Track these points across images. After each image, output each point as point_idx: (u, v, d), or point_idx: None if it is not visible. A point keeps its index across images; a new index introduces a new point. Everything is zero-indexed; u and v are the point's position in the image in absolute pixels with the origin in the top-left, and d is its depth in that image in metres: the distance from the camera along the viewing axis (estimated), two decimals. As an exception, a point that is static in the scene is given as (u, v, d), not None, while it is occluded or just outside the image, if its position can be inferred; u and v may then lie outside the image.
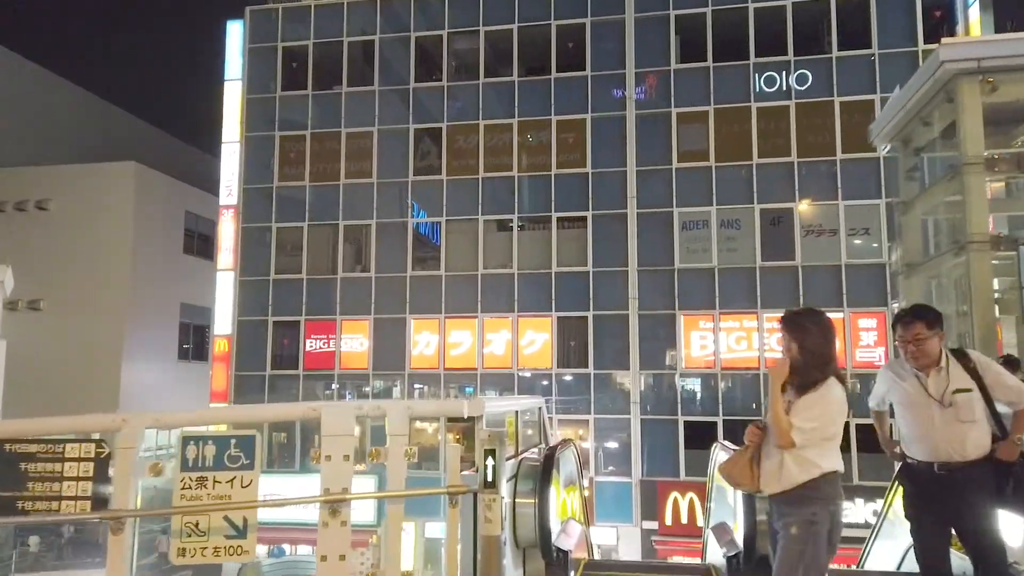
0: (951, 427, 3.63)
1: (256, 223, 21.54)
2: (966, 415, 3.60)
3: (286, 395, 20.63)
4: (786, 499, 3.30)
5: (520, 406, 4.56)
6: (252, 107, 21.98)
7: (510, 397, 10.96)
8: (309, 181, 21.48)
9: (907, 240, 7.94)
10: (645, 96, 20.04)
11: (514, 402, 4.44)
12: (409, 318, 20.48)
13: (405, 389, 20.46)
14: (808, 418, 3.24)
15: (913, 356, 3.69)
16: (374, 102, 21.39)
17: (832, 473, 3.31)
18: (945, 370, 3.67)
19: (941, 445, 3.65)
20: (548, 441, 5.78)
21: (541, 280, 20.09)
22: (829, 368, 3.33)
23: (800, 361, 3.33)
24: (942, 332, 3.71)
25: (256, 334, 21.05)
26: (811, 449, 3.24)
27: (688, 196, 19.58)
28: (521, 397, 10.56)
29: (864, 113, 18.80)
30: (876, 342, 18.27)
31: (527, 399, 5.55)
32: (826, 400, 3.26)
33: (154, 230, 24.85)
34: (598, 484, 19.06)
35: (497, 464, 3.17)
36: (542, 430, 5.54)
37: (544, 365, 19.85)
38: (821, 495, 3.26)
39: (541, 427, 5.53)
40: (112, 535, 2.95)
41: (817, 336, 3.34)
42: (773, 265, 18.99)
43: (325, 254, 21.27)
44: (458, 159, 20.88)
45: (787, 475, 3.27)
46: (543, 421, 5.59)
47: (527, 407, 5.11)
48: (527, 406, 5.09)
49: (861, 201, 18.74)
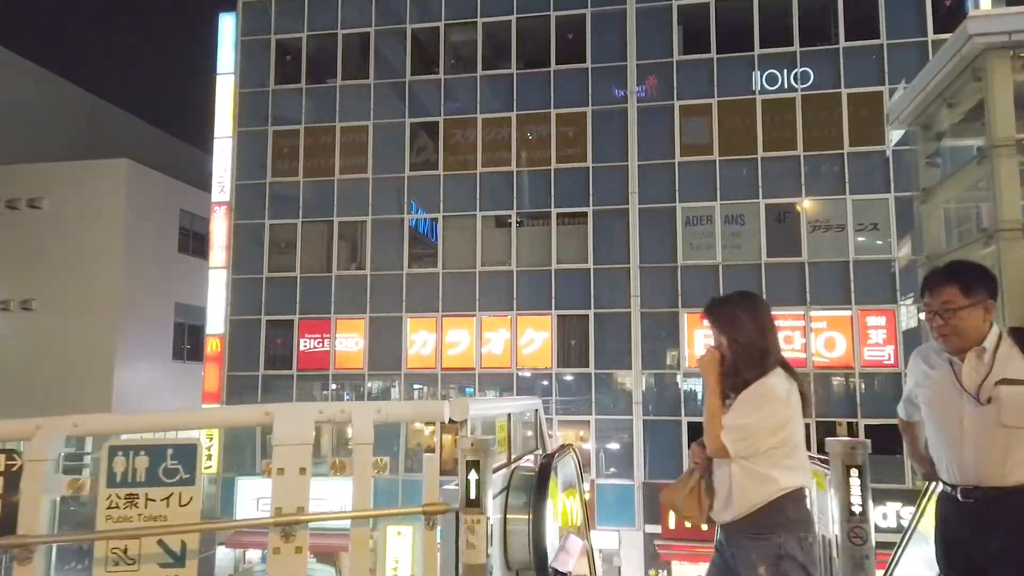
0: (987, 433, 2.55)
1: (249, 220, 21.06)
2: (1012, 417, 2.49)
3: (280, 396, 20.16)
4: (743, 529, 2.66)
5: (513, 408, 4.06)
6: (245, 101, 21.51)
7: (502, 398, 10.43)
8: (303, 177, 21.00)
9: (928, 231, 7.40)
10: (646, 95, 19.54)
11: (506, 404, 3.94)
12: (405, 317, 20.00)
13: (401, 389, 19.99)
14: (738, 415, 2.66)
15: (941, 334, 2.67)
16: (369, 96, 20.91)
17: (798, 491, 2.66)
18: (990, 353, 2.60)
19: (969, 460, 2.58)
20: (546, 447, 5.29)
21: (540, 278, 19.61)
22: (767, 363, 2.71)
23: (730, 358, 2.76)
24: (990, 302, 2.64)
25: (249, 334, 20.57)
26: (764, 460, 2.63)
27: (691, 191, 19.10)
28: (515, 398, 10.03)
29: (872, 105, 18.35)
30: (885, 340, 17.77)
31: (521, 400, 5.06)
32: (759, 393, 2.65)
33: (148, 228, 24.51)
34: (599, 487, 18.57)
35: (482, 478, 2.68)
36: (539, 434, 5.05)
37: (544, 365, 19.37)
38: (787, 520, 2.61)
39: (538, 431, 5.03)
40: (18, 565, 2.46)
41: (749, 326, 2.74)
42: (779, 262, 18.50)
43: (319, 251, 20.80)
44: (455, 154, 20.40)
45: (740, 496, 2.64)
46: (540, 424, 5.09)
47: (521, 409, 4.62)
48: (521, 408, 4.59)
49: (869, 196, 18.24)
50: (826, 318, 18.16)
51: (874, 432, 17.59)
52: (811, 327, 18.12)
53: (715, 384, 2.77)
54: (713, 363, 2.80)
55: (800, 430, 2.73)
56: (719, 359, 2.80)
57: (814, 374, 18.04)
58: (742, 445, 2.65)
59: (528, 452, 4.69)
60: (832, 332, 18.08)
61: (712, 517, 2.77)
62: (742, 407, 2.68)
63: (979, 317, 2.63)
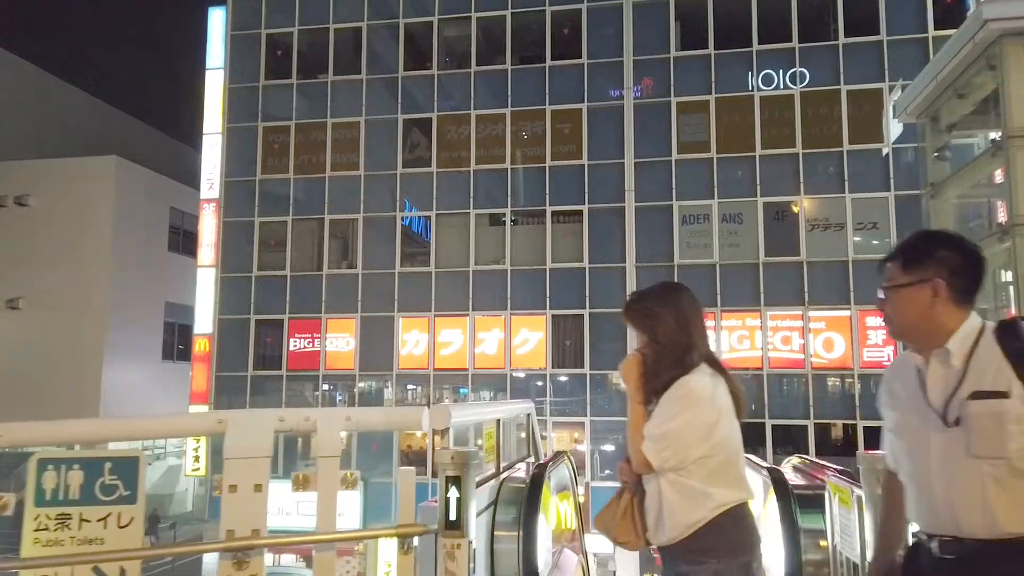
0: (958, 466, 1.86)
1: (238, 217, 20.69)
2: (982, 445, 1.81)
3: (269, 397, 19.81)
4: (678, 553, 2.35)
5: (502, 413, 3.73)
6: (234, 97, 21.13)
7: (490, 403, 10.09)
8: (293, 174, 20.64)
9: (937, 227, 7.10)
10: (642, 95, 19.22)
11: (494, 409, 3.60)
12: (397, 316, 19.65)
13: (393, 390, 19.65)
14: (658, 422, 2.36)
15: (888, 323, 2.06)
16: (361, 92, 20.56)
17: (738, 507, 2.34)
18: (960, 356, 1.89)
19: (942, 502, 1.89)
20: (539, 453, 4.97)
21: (535, 277, 19.28)
22: (688, 360, 2.39)
23: (651, 358, 2.45)
24: (940, 283, 1.91)
25: (238, 333, 20.20)
26: (695, 472, 2.31)
27: (688, 189, 18.81)
28: (505, 402, 9.63)
29: (872, 103, 18.11)
30: (885, 341, 17.49)
31: (512, 404, 4.73)
32: (679, 395, 2.34)
33: (137, 227, 24.24)
34: (594, 490, 18.23)
35: (464, 496, 2.35)
36: (531, 440, 4.72)
37: (538, 365, 19.04)
38: (727, 542, 2.30)
39: (530, 437, 4.71)
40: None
41: (670, 322, 2.44)
42: (777, 261, 18.22)
43: (310, 250, 20.43)
44: (449, 151, 20.06)
45: (671, 515, 2.33)
46: (533, 429, 4.77)
47: (513, 414, 4.29)
48: (512, 413, 4.26)
49: (869, 194, 17.98)
50: (825, 318, 17.89)
51: (873, 435, 17.32)
52: (809, 327, 17.84)
53: (635, 390, 2.47)
54: (633, 366, 2.49)
55: (735, 435, 2.40)
56: (640, 361, 2.48)
57: (812, 375, 17.77)
58: (667, 455, 2.33)
59: (520, 460, 4.37)
60: (831, 333, 17.80)
61: (648, 540, 2.45)
62: (662, 412, 2.37)
63: (923, 301, 1.93)
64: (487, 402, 14.98)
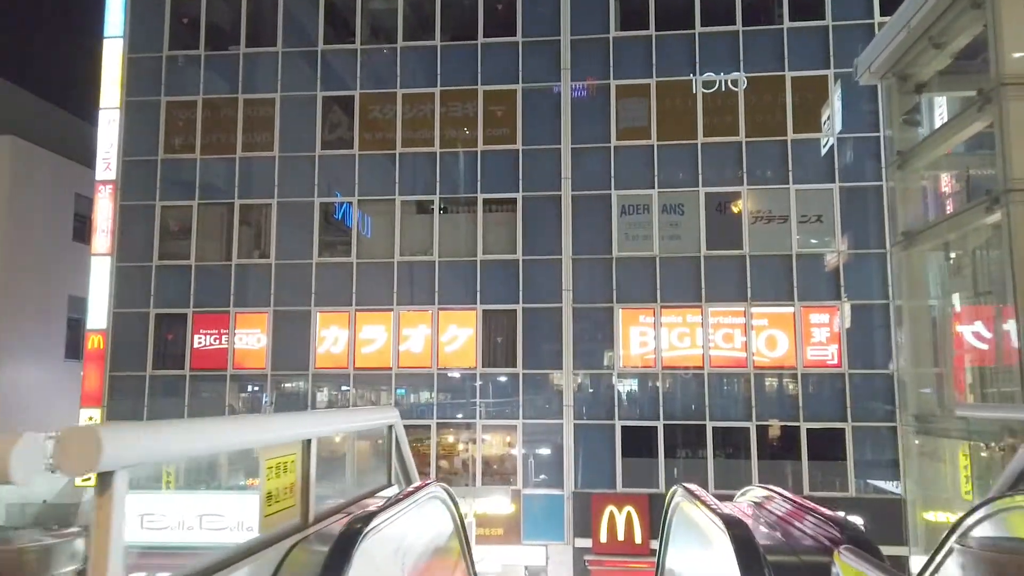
0: None
1: (137, 201, 18.71)
2: None
3: (171, 399, 17.93)
4: None
5: (319, 431, 2.36)
6: (135, 68, 19.13)
7: (293, 415, 8.24)
8: (200, 154, 18.78)
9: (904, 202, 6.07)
10: (585, 95, 18.05)
11: (264, 428, 2.17)
12: (314, 311, 18.02)
13: (310, 391, 18.00)
14: None
15: None
16: (276, 65, 18.83)
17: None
18: None
19: None
20: (410, 476, 3.60)
21: (465, 269, 17.93)
22: None
23: None
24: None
25: (135, 329, 18.24)
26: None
27: (628, 177, 17.74)
28: (326, 412, 7.59)
29: (817, 91, 17.40)
30: (828, 339, 16.75)
31: (354, 416, 3.32)
32: None
33: (38, 214, 22.30)
34: (526, 497, 17.00)
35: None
36: (392, 465, 3.36)
37: (468, 364, 17.69)
38: None
39: (391, 460, 3.34)
40: None
41: None
42: (719, 254, 17.31)
43: (218, 237, 18.61)
44: (372, 132, 18.53)
45: None
46: (397, 446, 3.40)
47: (351, 430, 2.92)
48: (350, 429, 2.89)
49: (814, 185, 17.22)
50: (767, 315, 17.05)
51: (815, 436, 16.57)
52: (752, 324, 16.97)
53: None
54: None
55: None
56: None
57: (754, 374, 16.91)
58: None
59: (364, 495, 2.99)
60: (774, 330, 16.97)
61: None
62: None
63: None
64: (278, 416, 13.47)
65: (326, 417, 2.77)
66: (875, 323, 16.75)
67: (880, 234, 16.72)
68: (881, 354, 16.63)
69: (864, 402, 16.52)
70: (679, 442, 17.04)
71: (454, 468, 17.64)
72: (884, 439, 16.42)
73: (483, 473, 17.34)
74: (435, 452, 17.40)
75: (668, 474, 16.71)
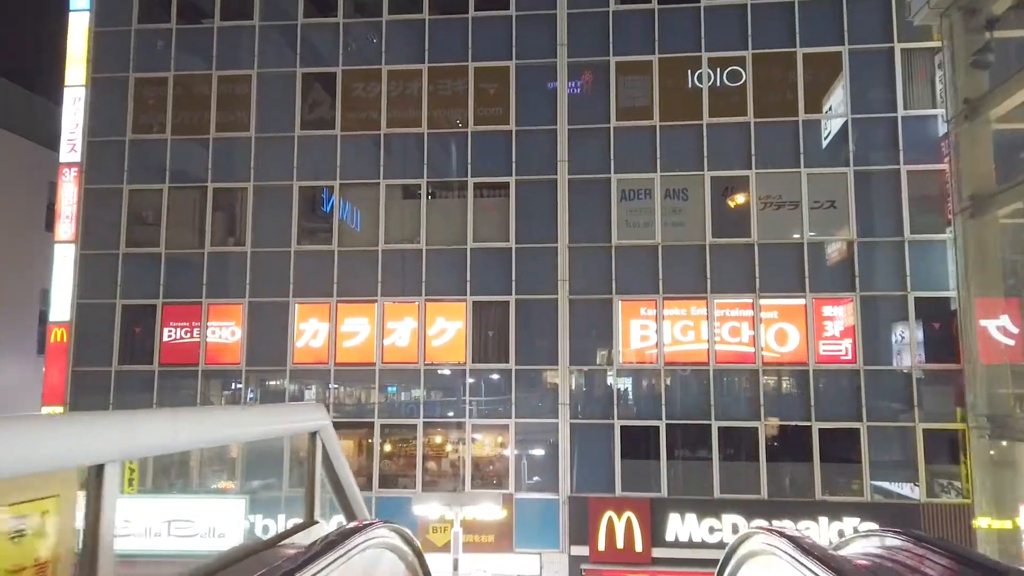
0: None
1: (104, 184, 17.52)
2: None
3: (138, 396, 16.74)
4: None
5: (107, 452, 1.22)
6: (101, 43, 17.93)
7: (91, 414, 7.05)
8: (171, 134, 17.59)
9: (972, 161, 4.96)
10: (580, 91, 16.93)
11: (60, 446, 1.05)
12: (293, 302, 16.86)
13: (287, 388, 16.84)
14: None
15: None
16: (253, 40, 17.64)
17: None
18: None
19: None
20: (350, 509, 2.44)
21: (454, 258, 16.80)
22: None
23: None
24: None
25: (101, 321, 17.06)
26: None
27: (628, 161, 16.63)
28: (155, 415, 5.57)
29: (830, 67, 16.28)
30: (843, 333, 15.67)
31: (222, 418, 2.17)
32: None
33: (7, 203, 21.22)
34: (519, 502, 15.89)
35: None
36: (317, 492, 2.20)
37: (457, 359, 16.57)
38: None
39: (314, 484, 2.19)
40: None
41: None
42: (725, 243, 16.21)
43: (190, 223, 17.43)
44: (355, 111, 17.37)
45: None
46: (327, 465, 2.25)
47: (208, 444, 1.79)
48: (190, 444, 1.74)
49: (826, 169, 16.12)
50: (777, 307, 15.96)
51: (828, 437, 15.50)
52: (760, 317, 15.89)
53: None
54: None
55: None
56: None
57: (763, 370, 15.83)
58: None
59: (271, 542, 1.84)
60: (784, 323, 15.88)
61: None
62: None
63: None
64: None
65: (129, 422, 1.62)
66: (892, 316, 15.68)
67: (898, 221, 15.65)
68: (899, 350, 15.57)
69: (879, 400, 15.47)
70: (682, 443, 15.95)
71: (442, 470, 16.52)
72: (900, 440, 15.38)
73: (473, 476, 16.22)
74: (421, 453, 16.27)
75: (670, 477, 15.62)
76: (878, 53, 16.03)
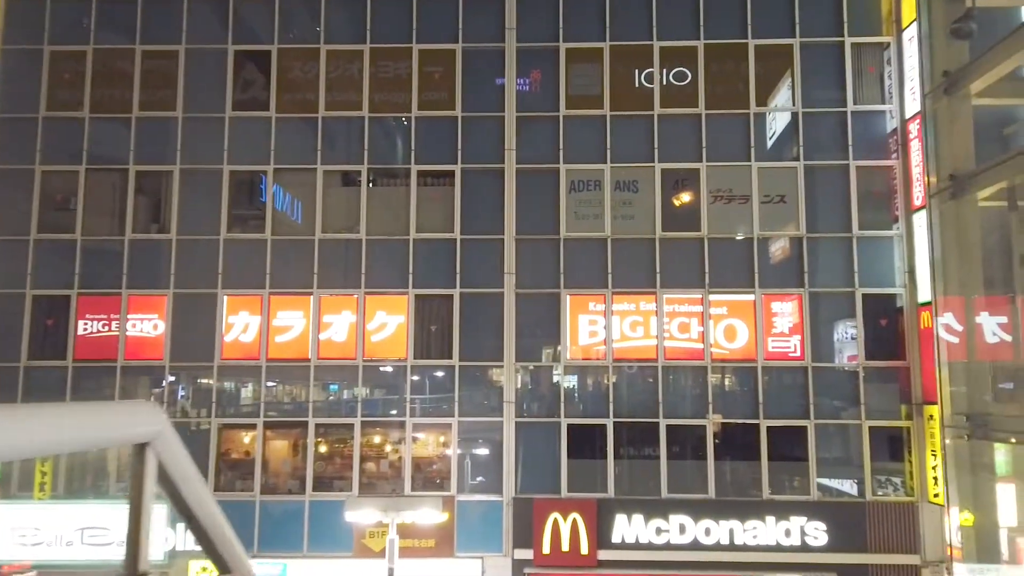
0: None
1: (13, 164, 16.17)
2: None
3: (51, 394, 15.47)
4: None
5: None
6: (13, 11, 16.55)
7: None
8: (89, 112, 16.32)
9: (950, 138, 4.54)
10: (529, 89, 16.32)
11: None
12: (221, 294, 15.83)
13: (215, 385, 15.80)
14: None
15: None
16: (181, 13, 16.51)
17: None
18: None
19: None
20: (223, 563, 1.72)
21: (395, 249, 16.03)
22: None
23: None
24: None
25: (9, 312, 15.72)
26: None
27: (578, 150, 16.12)
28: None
29: (780, 60, 16.06)
30: (791, 329, 15.47)
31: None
32: None
33: None
34: (460, 504, 15.23)
35: None
36: (141, 540, 1.50)
37: (397, 355, 15.80)
38: None
39: (139, 529, 1.48)
40: None
41: None
42: (675, 236, 15.84)
43: (109, 208, 16.20)
44: (291, 92, 16.42)
45: None
46: (174, 493, 1.52)
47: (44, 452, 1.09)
48: None
49: (777, 163, 15.91)
50: (727, 303, 15.67)
51: (776, 435, 15.28)
52: (710, 313, 15.57)
53: None
54: None
55: None
56: None
57: (712, 367, 15.52)
58: None
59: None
60: (733, 319, 15.60)
61: None
62: None
63: None
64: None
65: None
66: (840, 313, 15.56)
67: (846, 217, 15.54)
68: (845, 347, 15.46)
69: (826, 398, 15.32)
70: (629, 442, 15.52)
71: (381, 472, 15.74)
72: (846, 437, 15.28)
73: (414, 477, 15.49)
74: (358, 454, 15.45)
75: (617, 477, 15.18)
76: (829, 47, 15.90)
